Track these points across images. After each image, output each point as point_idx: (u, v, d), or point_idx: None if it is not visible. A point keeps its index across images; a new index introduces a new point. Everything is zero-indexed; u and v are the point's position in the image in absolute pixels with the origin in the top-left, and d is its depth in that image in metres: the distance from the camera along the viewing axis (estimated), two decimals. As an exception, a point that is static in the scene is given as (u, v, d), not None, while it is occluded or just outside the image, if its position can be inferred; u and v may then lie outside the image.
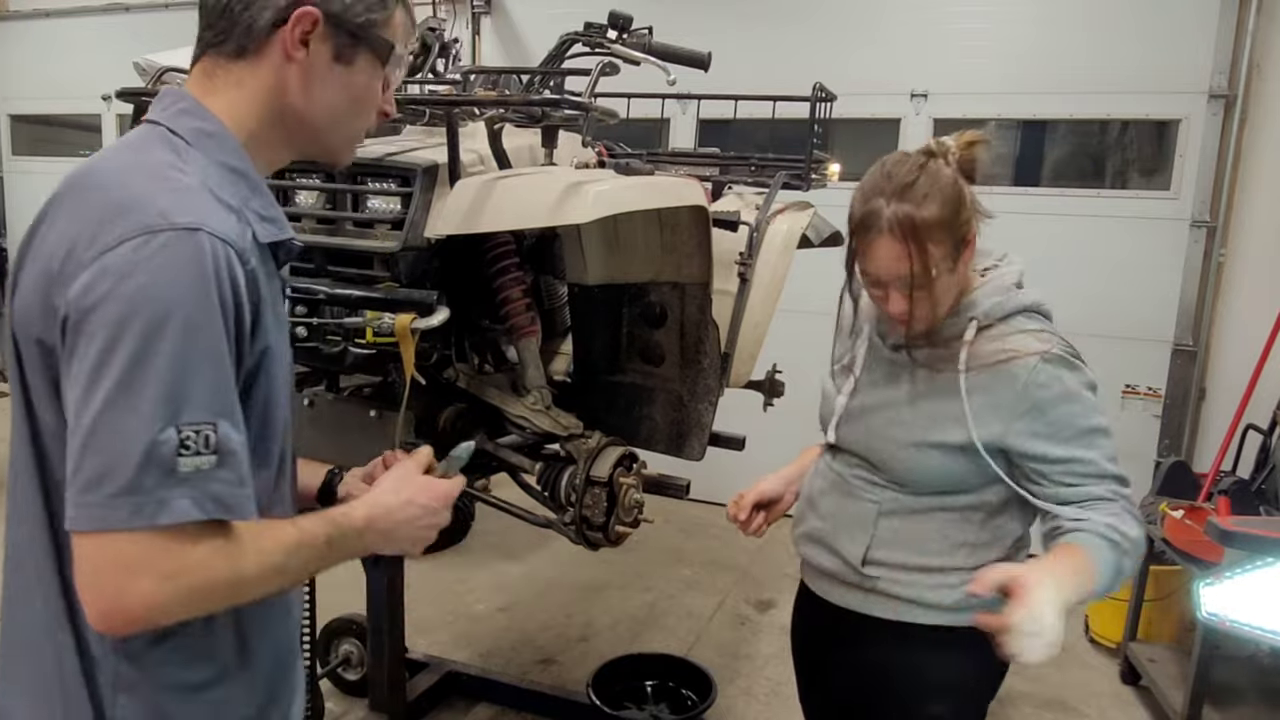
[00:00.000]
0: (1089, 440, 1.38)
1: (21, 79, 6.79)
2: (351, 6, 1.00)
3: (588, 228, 1.95)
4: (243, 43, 0.98)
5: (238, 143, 1.00)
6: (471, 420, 1.99)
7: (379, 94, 1.08)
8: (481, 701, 3.04)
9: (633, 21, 1.93)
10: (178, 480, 0.83)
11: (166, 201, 0.88)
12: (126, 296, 0.83)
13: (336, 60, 1.01)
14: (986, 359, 1.40)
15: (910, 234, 1.32)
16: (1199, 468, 3.84)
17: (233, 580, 0.89)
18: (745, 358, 2.25)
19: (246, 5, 0.97)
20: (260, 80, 1.00)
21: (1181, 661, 3.04)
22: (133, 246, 0.84)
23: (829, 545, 1.55)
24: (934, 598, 1.46)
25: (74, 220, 0.89)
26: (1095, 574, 1.30)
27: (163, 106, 1.00)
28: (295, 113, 1.02)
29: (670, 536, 4.47)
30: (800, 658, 1.79)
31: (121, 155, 0.96)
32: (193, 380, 0.84)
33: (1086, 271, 4.11)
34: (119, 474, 0.81)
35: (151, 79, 2.29)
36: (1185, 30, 3.98)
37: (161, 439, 0.82)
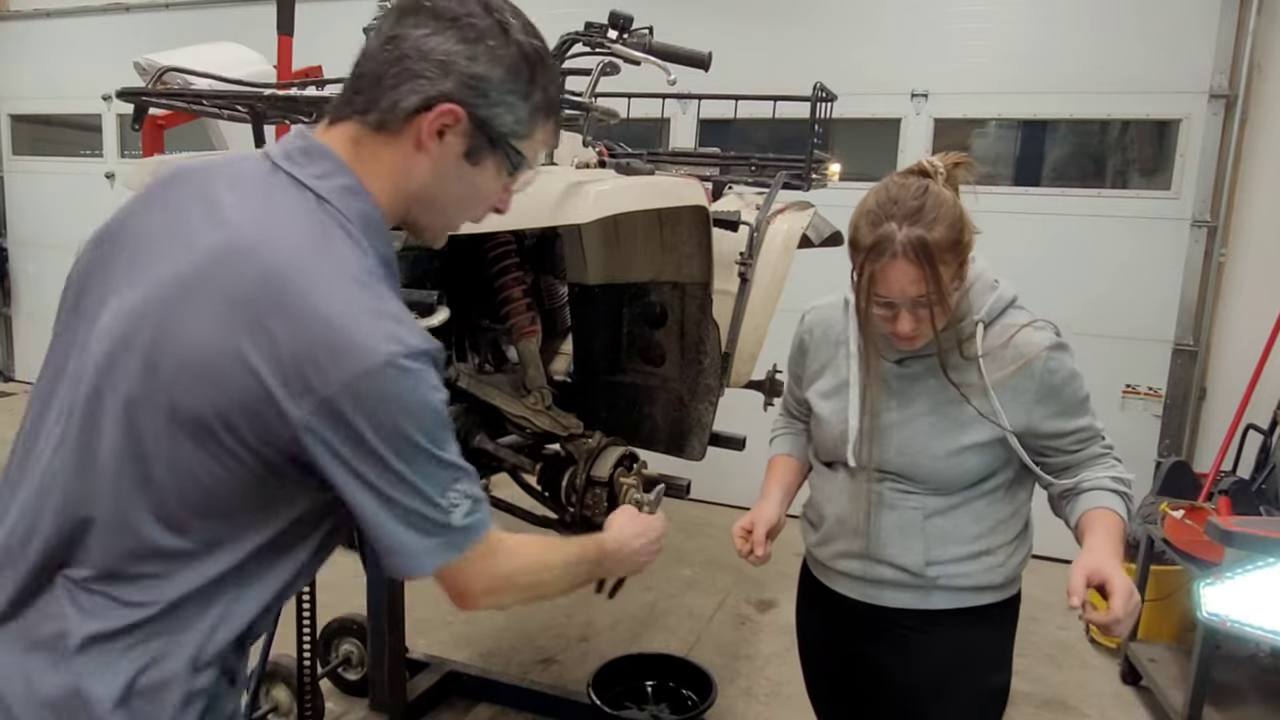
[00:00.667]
0: (1086, 406, 1.54)
1: (21, 79, 6.79)
2: (499, 116, 1.01)
3: (588, 228, 1.95)
4: (385, 118, 0.99)
5: (386, 228, 1.01)
6: (472, 420, 1.98)
7: (497, 194, 1.09)
8: (481, 701, 3.04)
9: (633, 21, 1.93)
10: (470, 511, 0.99)
11: (388, 324, 0.91)
12: (387, 423, 0.90)
13: (465, 157, 1.02)
14: (997, 355, 1.49)
15: (925, 256, 1.36)
16: (1199, 468, 3.84)
17: (536, 577, 1.13)
18: (745, 358, 2.25)
19: (399, 83, 0.98)
20: (393, 160, 1.00)
21: (1182, 661, 3.04)
22: (374, 379, 0.88)
23: (879, 558, 1.58)
24: (989, 579, 1.56)
25: (284, 326, 0.88)
26: (1125, 526, 1.49)
27: (322, 171, 0.98)
28: (414, 196, 1.03)
29: (670, 536, 4.43)
30: (833, 665, 1.76)
31: (310, 250, 0.92)
32: (439, 465, 0.96)
33: (1086, 271, 4.11)
34: (430, 536, 0.97)
35: (152, 79, 2.29)
36: (1185, 30, 3.98)
37: (440, 503, 0.96)
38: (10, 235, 7.07)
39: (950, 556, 1.55)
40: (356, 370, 0.88)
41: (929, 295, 1.38)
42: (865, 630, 1.65)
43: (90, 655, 0.92)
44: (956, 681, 1.59)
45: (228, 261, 0.91)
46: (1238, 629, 2.57)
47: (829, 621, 1.73)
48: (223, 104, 2.03)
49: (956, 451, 1.50)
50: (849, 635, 1.69)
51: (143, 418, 0.92)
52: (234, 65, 3.10)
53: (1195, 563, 2.85)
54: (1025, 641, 3.54)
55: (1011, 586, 1.62)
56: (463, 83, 0.98)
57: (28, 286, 7.08)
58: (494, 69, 0.99)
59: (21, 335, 7.19)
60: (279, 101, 1.88)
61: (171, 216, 0.98)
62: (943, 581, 1.56)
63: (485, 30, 0.99)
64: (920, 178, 1.43)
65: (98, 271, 1.00)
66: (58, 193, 6.77)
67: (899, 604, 1.60)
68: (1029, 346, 1.47)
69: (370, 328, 0.89)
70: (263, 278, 0.90)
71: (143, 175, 1.94)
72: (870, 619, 1.63)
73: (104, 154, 6.60)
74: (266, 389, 0.88)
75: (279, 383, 0.88)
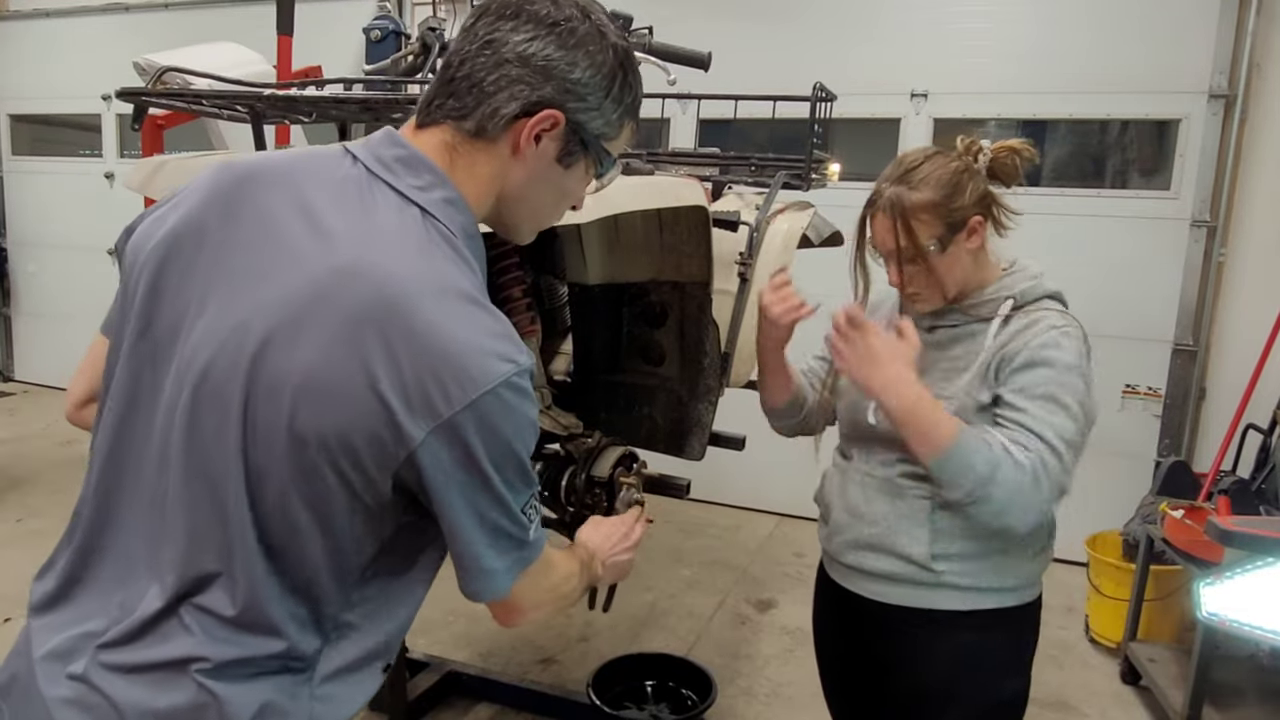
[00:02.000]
0: (1046, 406, 1.41)
1: (21, 79, 6.79)
2: (593, 120, 1.01)
3: (588, 228, 1.95)
4: (484, 124, 0.98)
5: (481, 237, 1.01)
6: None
7: (582, 194, 1.11)
8: (481, 701, 3.04)
9: (633, 21, 1.93)
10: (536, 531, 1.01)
11: (499, 343, 0.91)
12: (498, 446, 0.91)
13: (558, 160, 1.02)
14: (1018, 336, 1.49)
15: (898, 213, 1.49)
16: (1199, 467, 3.84)
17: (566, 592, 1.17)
18: (745, 357, 2.25)
19: (499, 89, 0.97)
20: (489, 167, 1.00)
21: (1181, 661, 3.04)
22: (492, 400, 0.89)
23: (887, 549, 1.57)
24: (999, 580, 1.54)
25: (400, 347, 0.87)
26: (951, 432, 1.40)
27: (423, 183, 0.97)
28: (505, 198, 1.03)
29: (670, 536, 4.47)
30: (839, 662, 1.79)
31: (420, 268, 0.91)
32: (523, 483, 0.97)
33: (1086, 271, 4.11)
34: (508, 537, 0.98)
35: (152, 79, 2.29)
36: (1185, 30, 3.98)
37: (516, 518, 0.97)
38: (10, 235, 7.07)
39: (958, 552, 1.53)
40: (480, 390, 0.88)
41: (903, 250, 1.50)
42: (874, 629, 1.65)
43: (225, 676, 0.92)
44: (965, 687, 1.57)
45: (345, 283, 0.89)
46: (1237, 629, 2.57)
47: (840, 619, 1.74)
48: (222, 104, 2.02)
49: (969, 414, 1.48)
50: (858, 633, 1.70)
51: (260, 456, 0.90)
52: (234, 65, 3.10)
53: (1195, 563, 2.85)
54: (1025, 641, 3.54)
55: (1028, 591, 1.59)
56: (563, 88, 0.98)
57: (28, 286, 7.08)
58: (593, 74, 0.99)
59: (21, 335, 7.19)
60: (279, 101, 1.88)
61: (268, 228, 0.94)
62: (949, 579, 1.53)
63: (585, 36, 0.99)
64: (937, 148, 1.54)
65: (174, 282, 0.96)
66: (57, 193, 6.77)
67: (906, 602, 1.58)
68: (1042, 321, 1.48)
69: (490, 347, 0.90)
70: (383, 298, 0.88)
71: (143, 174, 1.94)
72: (879, 617, 1.62)
73: (104, 154, 6.60)
74: (389, 409, 0.87)
75: (401, 404, 0.87)
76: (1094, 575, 3.57)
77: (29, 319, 7.10)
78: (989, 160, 1.52)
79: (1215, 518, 2.68)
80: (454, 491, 0.91)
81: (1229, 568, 2.59)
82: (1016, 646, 1.60)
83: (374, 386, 0.87)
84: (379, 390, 0.87)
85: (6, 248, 7.08)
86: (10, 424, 6.12)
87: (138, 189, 1.94)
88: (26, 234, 7.01)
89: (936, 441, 1.41)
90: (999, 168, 1.52)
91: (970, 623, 1.55)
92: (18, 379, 7.23)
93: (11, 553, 3.90)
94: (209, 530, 0.92)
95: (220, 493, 0.91)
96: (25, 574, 1.09)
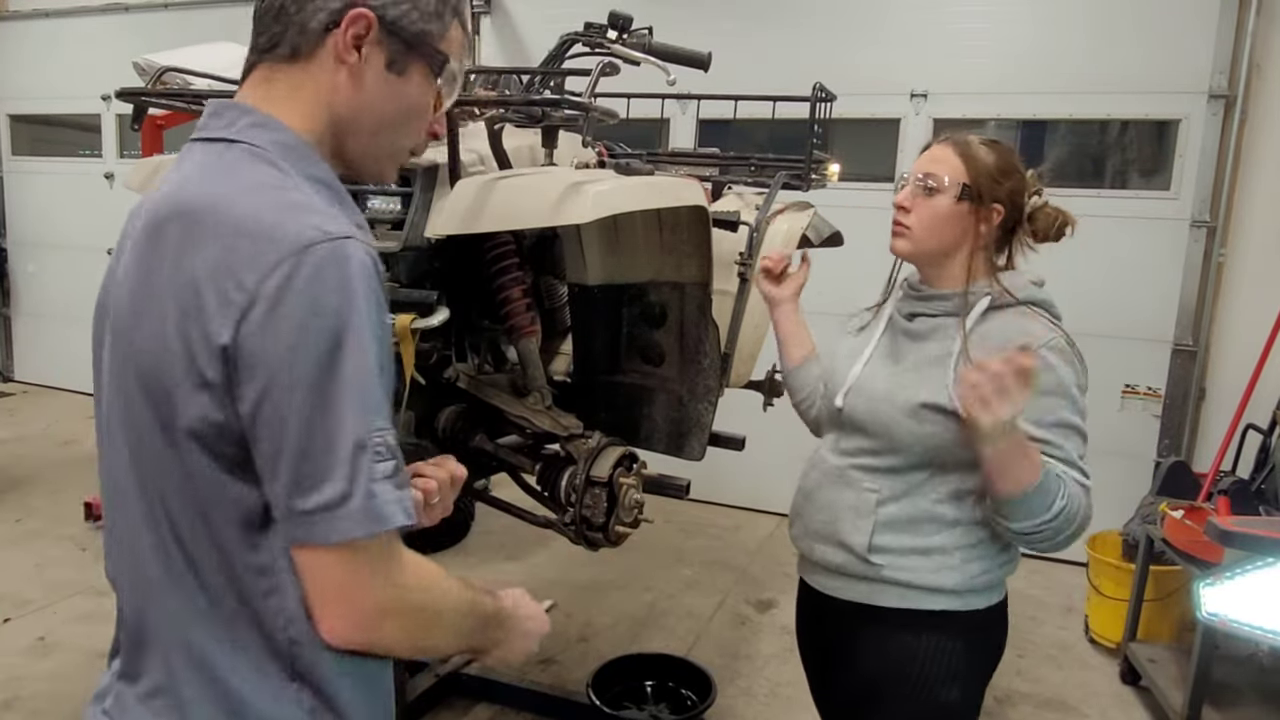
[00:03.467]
0: (1064, 433, 1.44)
1: (21, 79, 6.79)
2: (407, 14, 0.96)
3: (588, 228, 1.95)
4: (296, 44, 0.95)
5: (315, 153, 0.97)
6: (472, 420, 1.99)
7: (429, 109, 1.04)
8: (481, 701, 3.04)
9: (633, 21, 1.92)
10: (382, 486, 0.85)
11: (306, 216, 0.86)
12: (299, 318, 0.82)
13: (389, 68, 0.97)
14: (992, 335, 1.48)
15: (958, 148, 1.53)
16: (1199, 468, 3.84)
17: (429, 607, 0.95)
18: (745, 358, 2.25)
19: (300, 6, 0.94)
20: (315, 85, 0.96)
21: (1181, 661, 3.04)
22: (291, 266, 0.82)
23: (833, 538, 1.59)
24: (937, 580, 1.51)
25: (204, 252, 0.85)
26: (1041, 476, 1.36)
27: (227, 121, 0.96)
28: (344, 120, 0.98)
29: (670, 536, 4.47)
30: (809, 658, 1.81)
31: (221, 179, 0.91)
32: (373, 387, 0.85)
33: (1086, 271, 4.10)
34: (326, 483, 0.83)
35: (151, 79, 2.29)
36: (1185, 30, 3.98)
37: (363, 446, 0.84)
38: (10, 235, 7.07)
39: (897, 546, 1.53)
40: (270, 264, 0.82)
41: (934, 177, 1.52)
42: (829, 623, 1.68)
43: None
44: (895, 688, 1.55)
45: (155, 220, 0.90)
46: (1237, 629, 2.57)
47: (804, 616, 1.78)
48: (222, 104, 2.02)
49: (915, 408, 1.49)
50: (817, 629, 1.73)
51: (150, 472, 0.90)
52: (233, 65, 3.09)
53: (1195, 563, 2.85)
54: (1025, 641, 3.54)
55: (975, 596, 1.54)
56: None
57: (27, 286, 7.08)
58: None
59: (21, 335, 7.19)
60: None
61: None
62: (889, 574, 1.53)
63: None
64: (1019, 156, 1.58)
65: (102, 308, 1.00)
66: (57, 193, 6.77)
67: (849, 596, 1.60)
68: (1020, 335, 1.45)
69: (300, 219, 0.85)
70: (180, 223, 0.88)
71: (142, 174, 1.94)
72: (833, 611, 1.64)
73: (103, 154, 6.60)
74: (201, 326, 0.83)
75: (202, 301, 0.84)
76: (1093, 575, 3.57)
77: (29, 319, 7.10)
78: (1042, 204, 1.57)
79: (1215, 518, 2.68)
80: (258, 389, 0.83)
81: (1229, 568, 2.59)
82: (956, 652, 1.54)
83: (186, 298, 0.85)
84: (195, 280, 0.84)
85: (6, 248, 7.08)
86: (10, 424, 6.11)
87: (138, 189, 1.95)
88: (26, 234, 7.01)
89: (1026, 478, 1.37)
90: (1043, 217, 1.56)
91: (909, 622, 1.53)
92: (18, 379, 7.23)
93: (11, 553, 3.89)
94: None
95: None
96: (25, 574, 1.09)
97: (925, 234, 1.54)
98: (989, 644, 1.61)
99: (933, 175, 1.53)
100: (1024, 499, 1.37)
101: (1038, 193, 1.58)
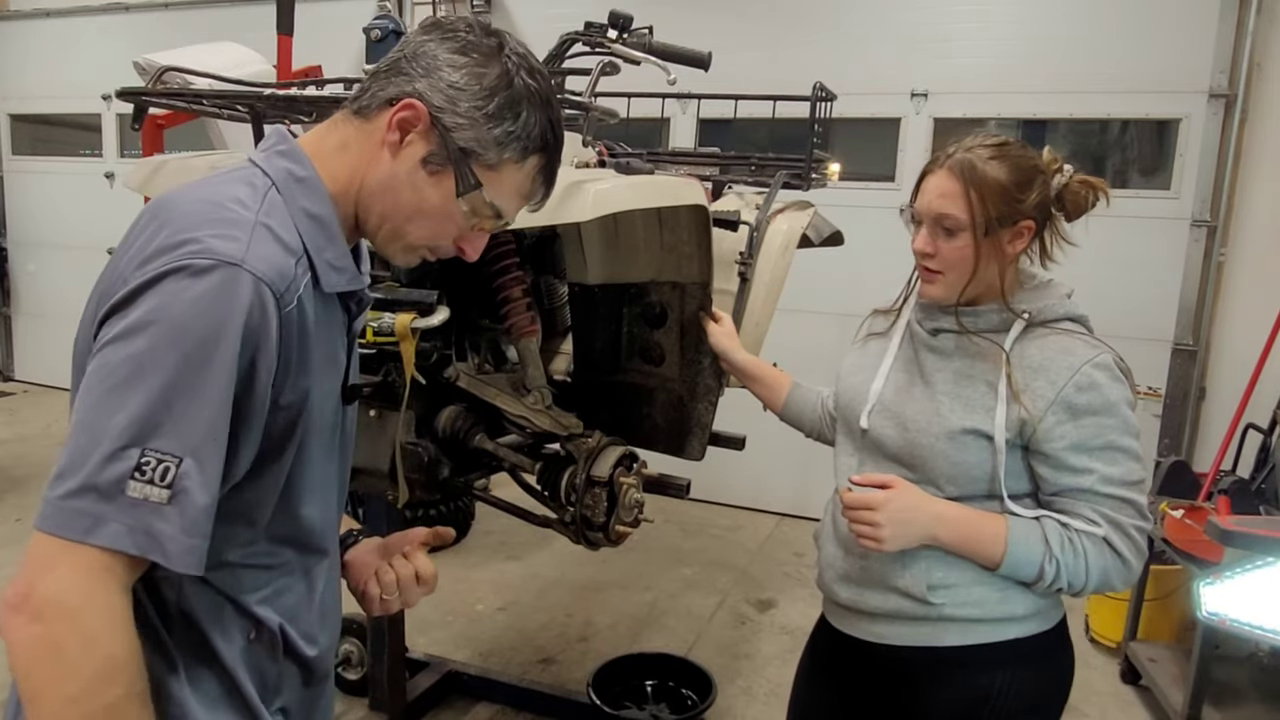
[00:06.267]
0: (1110, 457, 1.33)
1: (21, 79, 6.79)
2: (461, 127, 0.99)
3: (588, 227, 1.95)
4: (365, 105, 1.01)
5: (327, 194, 1.00)
6: (472, 420, 1.98)
7: (452, 221, 1.03)
8: (481, 701, 3.04)
9: (633, 21, 1.92)
10: (121, 504, 0.80)
11: (213, 232, 0.87)
12: (146, 312, 0.84)
13: (424, 163, 1.00)
14: (1031, 355, 1.37)
15: (963, 174, 1.36)
16: (1199, 467, 3.84)
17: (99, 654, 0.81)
18: (745, 357, 2.24)
19: (389, 75, 1.00)
20: (360, 148, 1.01)
21: (1181, 661, 3.04)
22: (168, 268, 0.85)
23: (881, 582, 1.45)
24: (1006, 609, 1.40)
25: (138, 244, 0.90)
26: (1004, 548, 1.33)
27: (265, 145, 1.02)
28: (366, 191, 1.02)
29: (670, 536, 4.47)
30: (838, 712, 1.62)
31: (201, 188, 0.96)
32: (178, 409, 0.82)
33: (1086, 271, 4.09)
34: (74, 475, 0.81)
35: (151, 79, 2.30)
36: (1185, 30, 3.98)
37: (122, 454, 0.81)
38: (10, 235, 7.07)
39: (956, 580, 1.39)
40: (152, 265, 0.86)
41: (946, 217, 1.37)
42: (876, 675, 1.51)
43: None
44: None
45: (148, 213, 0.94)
46: (1237, 628, 2.57)
47: (834, 668, 1.60)
48: (222, 104, 2.02)
49: (957, 433, 1.37)
50: (856, 682, 1.56)
51: None
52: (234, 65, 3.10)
53: (1195, 562, 2.85)
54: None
55: (1040, 618, 1.42)
56: (435, 86, 0.98)
57: (28, 286, 7.08)
58: (469, 81, 0.99)
59: (21, 335, 7.19)
60: (278, 101, 1.88)
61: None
62: (951, 611, 1.39)
63: (480, 48, 1.00)
64: (1025, 144, 1.42)
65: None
66: (58, 193, 6.77)
67: (903, 640, 1.44)
68: (1063, 354, 1.35)
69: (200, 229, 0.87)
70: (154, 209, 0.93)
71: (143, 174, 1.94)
72: (873, 659, 1.49)
73: (104, 154, 6.60)
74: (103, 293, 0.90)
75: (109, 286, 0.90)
76: (1094, 575, 3.56)
77: (29, 319, 7.10)
78: (1067, 180, 1.40)
79: (1215, 517, 2.68)
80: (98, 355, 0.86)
81: (1229, 567, 2.59)
82: (1039, 680, 1.43)
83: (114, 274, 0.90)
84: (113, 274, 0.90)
85: (6, 248, 7.08)
86: (10, 424, 6.11)
87: (138, 189, 1.94)
88: (26, 234, 7.01)
89: (995, 548, 1.34)
90: (1071, 195, 1.40)
91: (982, 658, 1.40)
92: (18, 379, 7.23)
93: (12, 552, 3.90)
94: None
95: None
96: (25, 574, 1.09)
97: (958, 276, 1.40)
98: (1060, 665, 1.46)
99: (947, 216, 1.37)
100: (1006, 567, 1.34)
101: (1059, 170, 1.41)
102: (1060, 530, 1.34)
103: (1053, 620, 1.44)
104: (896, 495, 1.36)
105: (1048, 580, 1.34)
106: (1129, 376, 1.36)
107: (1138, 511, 1.34)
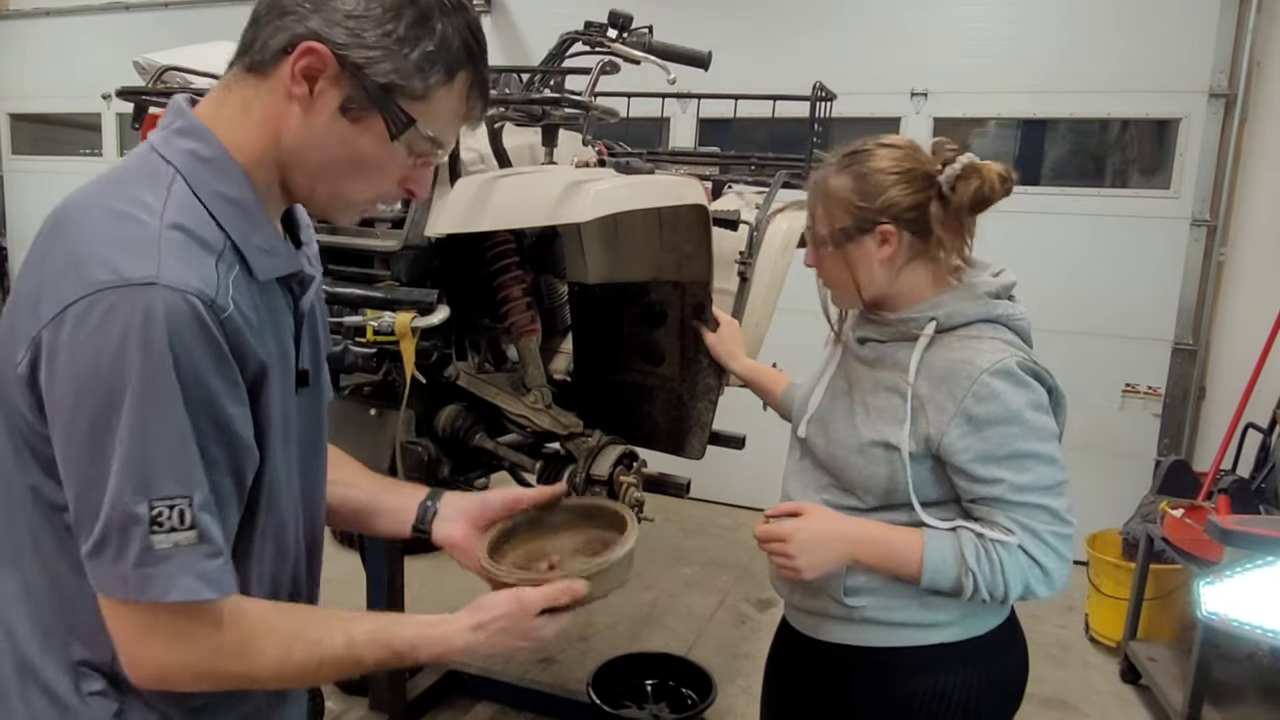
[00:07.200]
0: (1020, 465, 1.29)
1: (21, 78, 6.79)
2: (375, 61, 0.86)
3: (588, 227, 1.95)
4: (255, 60, 0.88)
5: (239, 170, 0.89)
6: (471, 419, 1.98)
7: (392, 165, 0.93)
8: (481, 701, 3.04)
9: (633, 20, 1.92)
10: (158, 557, 0.81)
11: (118, 253, 0.80)
12: (76, 371, 0.79)
13: (343, 112, 0.88)
14: (937, 365, 1.34)
15: (817, 193, 1.43)
16: (1199, 466, 3.84)
17: (246, 674, 0.90)
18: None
19: (274, 18, 0.87)
20: (264, 108, 0.89)
21: (1181, 660, 3.04)
22: (78, 313, 0.78)
23: (811, 582, 1.43)
24: (927, 615, 1.39)
25: (41, 262, 0.85)
26: (920, 565, 1.32)
27: (166, 122, 0.91)
28: (288, 152, 0.90)
29: (670, 536, 4.47)
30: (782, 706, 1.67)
31: (100, 191, 0.88)
32: (155, 452, 0.80)
33: (1086, 271, 4.11)
34: (108, 544, 0.81)
35: (151, 78, 2.30)
36: (1185, 29, 3.97)
37: (134, 514, 0.80)
38: (10, 235, 7.07)
39: (876, 585, 1.39)
40: (63, 301, 0.79)
41: (813, 233, 1.44)
42: (818, 670, 1.53)
43: None
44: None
45: (46, 224, 0.89)
46: (1237, 628, 2.57)
47: (788, 663, 1.63)
48: (222, 103, 2.02)
49: (866, 445, 1.37)
50: (806, 676, 1.58)
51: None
52: (234, 64, 3.09)
53: (1195, 561, 2.85)
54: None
55: (975, 620, 1.40)
56: (329, 19, 0.85)
57: (27, 286, 7.09)
58: (369, 5, 0.86)
59: (21, 335, 7.19)
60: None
61: None
62: (873, 614, 1.40)
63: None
64: (912, 146, 1.39)
65: None
66: (58, 192, 6.63)
67: (835, 638, 1.46)
68: (963, 364, 1.31)
69: (104, 254, 0.80)
70: (52, 224, 0.87)
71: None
72: (816, 655, 1.51)
73: (104, 153, 6.60)
74: (18, 315, 0.84)
75: (24, 313, 0.83)
76: (1094, 574, 3.57)
77: (29, 318, 7.11)
78: (954, 175, 1.32)
79: (1215, 517, 2.68)
80: (56, 426, 0.82)
81: (1229, 567, 2.59)
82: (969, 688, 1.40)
83: (18, 304, 0.84)
84: (20, 294, 0.85)
85: (6, 247, 7.08)
86: None
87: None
88: (27, 234, 7.01)
89: (911, 565, 1.33)
90: (960, 188, 1.32)
91: (900, 660, 1.40)
92: (18, 378, 7.23)
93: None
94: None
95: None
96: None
97: (843, 288, 1.44)
98: (997, 670, 1.44)
99: (811, 230, 1.44)
100: (927, 580, 1.32)
101: (948, 161, 1.33)
102: (975, 541, 1.31)
103: (987, 625, 1.42)
104: (805, 524, 1.37)
105: (967, 593, 1.31)
106: (1043, 378, 1.32)
107: (1054, 517, 1.30)
